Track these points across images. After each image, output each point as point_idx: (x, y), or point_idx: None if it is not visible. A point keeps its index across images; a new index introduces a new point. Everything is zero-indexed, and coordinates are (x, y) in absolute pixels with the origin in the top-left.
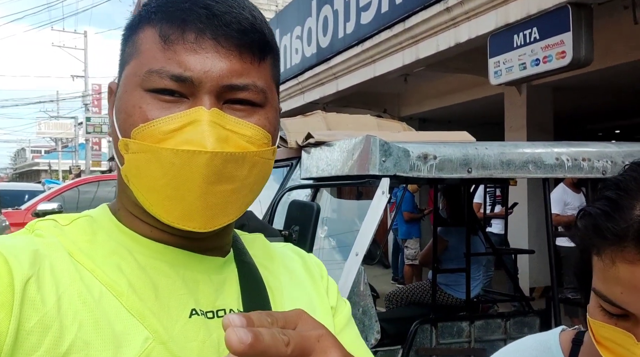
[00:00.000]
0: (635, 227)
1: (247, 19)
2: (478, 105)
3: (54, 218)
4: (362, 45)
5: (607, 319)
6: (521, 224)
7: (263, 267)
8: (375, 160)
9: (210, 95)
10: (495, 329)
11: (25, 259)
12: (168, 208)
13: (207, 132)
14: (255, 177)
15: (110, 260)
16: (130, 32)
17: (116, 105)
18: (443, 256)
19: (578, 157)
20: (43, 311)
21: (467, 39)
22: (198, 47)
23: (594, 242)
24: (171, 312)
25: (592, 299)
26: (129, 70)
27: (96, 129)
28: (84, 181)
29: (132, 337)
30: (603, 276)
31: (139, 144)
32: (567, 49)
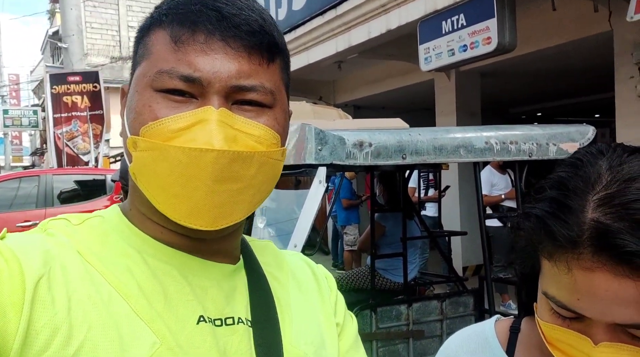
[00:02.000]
0: (589, 232)
1: (256, 21)
2: (410, 91)
3: (65, 217)
4: (295, 32)
5: (560, 322)
6: (453, 207)
7: (272, 276)
8: (312, 149)
9: (219, 95)
10: (433, 310)
11: (36, 258)
12: (175, 206)
13: (215, 131)
14: (263, 177)
15: (121, 262)
16: (141, 34)
17: (127, 106)
18: (381, 241)
19: (506, 140)
20: (53, 312)
21: (398, 26)
22: (207, 48)
23: (545, 245)
24: (179, 317)
25: (541, 300)
26: (139, 71)
27: (15, 122)
28: (3, 178)
29: (139, 341)
30: (556, 282)
31: (147, 141)
32: (492, 35)
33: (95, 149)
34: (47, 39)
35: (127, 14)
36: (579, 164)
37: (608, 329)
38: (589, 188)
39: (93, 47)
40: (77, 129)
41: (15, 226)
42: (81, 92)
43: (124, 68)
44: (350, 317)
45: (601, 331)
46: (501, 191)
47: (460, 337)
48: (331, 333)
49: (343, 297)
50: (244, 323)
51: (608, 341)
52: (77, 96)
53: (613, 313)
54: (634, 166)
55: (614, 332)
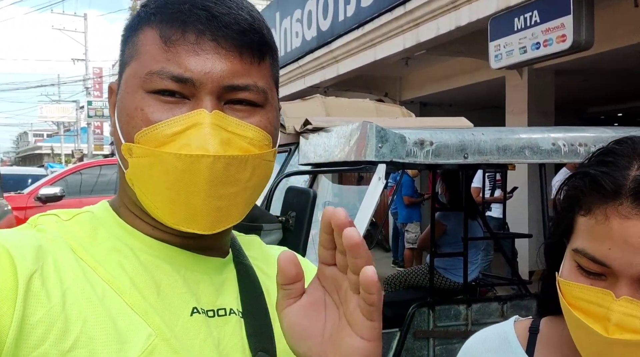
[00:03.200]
0: (632, 185)
1: (246, 20)
2: (479, 88)
3: (55, 213)
4: (363, 29)
5: (583, 281)
6: (521, 208)
7: (260, 269)
8: (372, 146)
9: (211, 96)
10: (493, 312)
11: (29, 254)
12: (173, 211)
13: (209, 135)
14: (258, 179)
15: (112, 257)
16: (129, 33)
17: (117, 107)
18: (441, 240)
19: (575, 142)
20: (48, 306)
21: (468, 22)
22: (198, 48)
23: (587, 200)
24: (173, 310)
25: (567, 262)
26: (129, 72)
27: (98, 113)
28: (86, 165)
29: (135, 333)
30: (591, 233)
31: (142, 148)
32: (567, 33)
33: None
34: None
35: None
36: (625, 140)
37: (631, 286)
38: (634, 154)
39: None
40: None
41: None
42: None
43: None
44: None
45: (624, 287)
46: None
47: (481, 337)
48: None
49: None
50: (236, 314)
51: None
52: None
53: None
54: None
55: (636, 290)
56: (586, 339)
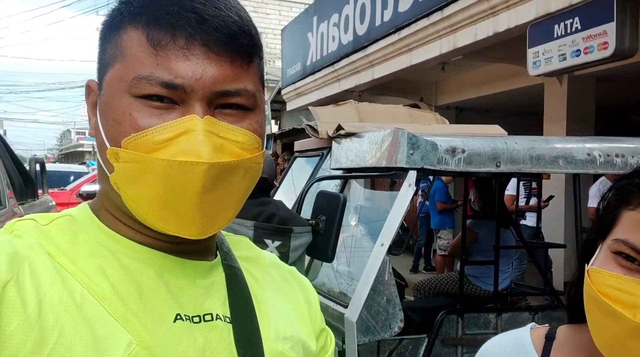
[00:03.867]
0: None
1: (235, 22)
2: (517, 95)
3: (33, 218)
4: (399, 34)
5: (617, 270)
6: (557, 218)
7: (248, 272)
8: (403, 152)
9: (202, 102)
10: (524, 321)
11: (3, 261)
12: (164, 217)
13: (202, 142)
14: (248, 182)
15: (93, 262)
16: (110, 31)
17: (101, 109)
18: (472, 247)
19: (611, 153)
20: (24, 315)
21: (506, 29)
22: (189, 53)
23: (637, 196)
24: (155, 316)
25: (601, 255)
26: (113, 74)
27: None
28: None
29: (115, 341)
30: (635, 224)
31: (131, 153)
32: (609, 40)
33: None
34: None
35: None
36: None
37: None
38: None
39: None
40: None
41: None
42: None
43: None
44: (331, 334)
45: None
46: None
47: (497, 341)
48: (307, 332)
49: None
50: (222, 319)
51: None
52: None
53: None
54: None
55: None
56: (610, 325)
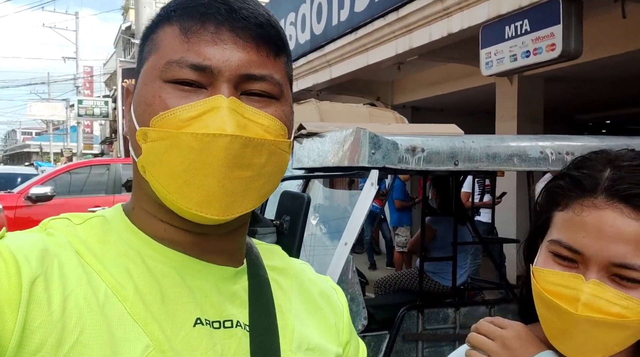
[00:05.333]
0: (606, 183)
1: (263, 15)
2: (470, 94)
3: (67, 217)
4: (356, 34)
5: (557, 268)
6: (509, 213)
7: (275, 282)
8: (365, 152)
9: (228, 84)
10: (481, 315)
11: (33, 258)
12: (187, 194)
13: (227, 117)
14: (273, 167)
15: (120, 262)
16: (149, 32)
17: (134, 101)
18: (431, 244)
19: (562, 151)
20: (48, 311)
21: (460, 29)
22: (217, 38)
23: (565, 197)
24: (175, 320)
25: (541, 255)
26: (147, 66)
27: (88, 112)
28: (76, 165)
29: (132, 344)
30: (568, 225)
31: (158, 131)
32: (557, 42)
33: None
34: (120, 34)
35: None
36: (600, 151)
37: (599, 272)
38: (607, 161)
39: None
40: None
41: (87, 210)
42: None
43: None
44: (361, 343)
45: (593, 273)
46: None
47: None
48: (333, 344)
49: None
50: (242, 327)
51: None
52: None
53: (610, 249)
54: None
55: (603, 276)
56: (556, 318)
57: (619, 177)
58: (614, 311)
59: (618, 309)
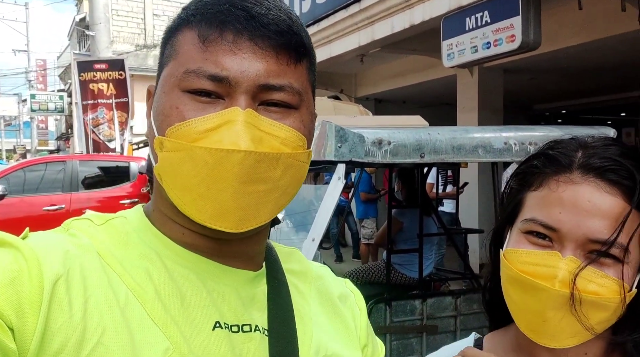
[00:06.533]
0: (581, 159)
1: (284, 21)
2: (432, 86)
3: (89, 218)
4: (318, 25)
5: (531, 248)
6: (472, 203)
7: (294, 286)
8: (331, 146)
9: (246, 95)
10: (447, 306)
11: (56, 258)
12: (201, 207)
13: (242, 131)
14: (289, 179)
15: (140, 264)
16: (169, 35)
17: (154, 107)
18: (397, 236)
19: (525, 141)
20: (70, 313)
21: (422, 21)
22: (235, 47)
23: (540, 176)
24: (195, 323)
25: (512, 237)
26: (167, 72)
27: (42, 107)
28: (30, 163)
29: (152, 346)
30: (543, 202)
31: (173, 142)
32: (516, 33)
33: (120, 136)
34: (74, 26)
35: (153, 2)
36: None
37: (576, 250)
38: (578, 145)
39: (119, 35)
40: (103, 116)
41: (42, 210)
42: (107, 79)
43: (148, 56)
44: (379, 342)
45: (569, 250)
46: None
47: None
48: (353, 350)
49: (367, 318)
50: (261, 331)
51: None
52: (103, 84)
53: (587, 225)
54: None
55: (579, 254)
56: (532, 300)
57: (592, 154)
58: (591, 288)
59: (594, 286)
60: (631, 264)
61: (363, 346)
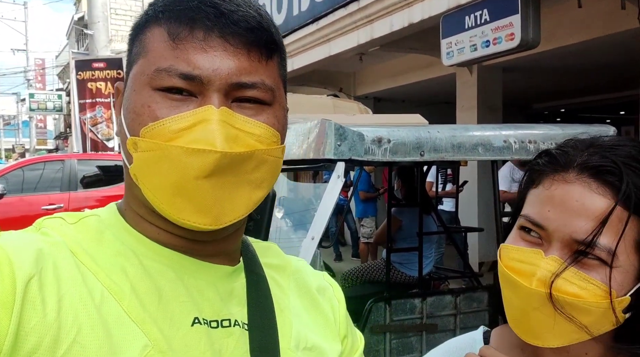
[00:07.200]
0: (580, 160)
1: (254, 18)
2: (431, 84)
3: (61, 216)
4: (317, 24)
5: (522, 245)
6: (471, 202)
7: (273, 280)
8: (331, 144)
9: (219, 93)
10: (447, 304)
11: (28, 258)
12: (178, 205)
13: (217, 131)
14: (263, 174)
15: (115, 261)
16: (137, 32)
17: (124, 105)
18: (397, 235)
19: (525, 139)
20: (43, 312)
21: (421, 20)
22: (206, 45)
23: (540, 174)
24: (173, 319)
25: (512, 233)
26: (136, 70)
27: (40, 106)
28: (29, 162)
29: (130, 344)
30: (536, 199)
31: (148, 142)
32: (515, 31)
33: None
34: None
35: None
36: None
37: (562, 250)
38: (589, 144)
39: (117, 34)
40: (101, 115)
41: (41, 209)
42: (105, 78)
43: None
44: (358, 334)
45: (555, 250)
46: None
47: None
48: (333, 341)
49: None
50: (240, 326)
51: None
52: (102, 83)
53: (573, 224)
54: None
55: (565, 254)
56: (514, 298)
57: (594, 153)
58: (571, 290)
59: (575, 288)
60: (622, 269)
61: (343, 338)
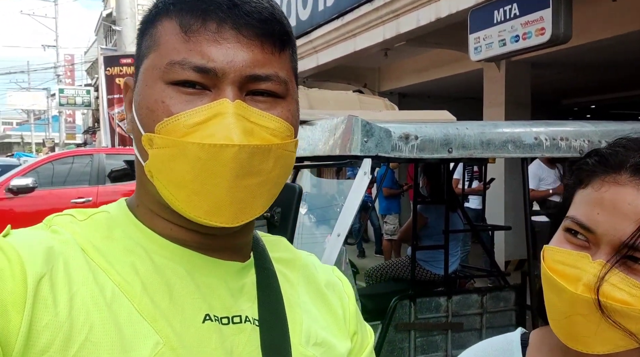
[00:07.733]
0: (633, 160)
1: (266, 9)
2: (457, 80)
3: (71, 213)
4: (343, 19)
5: (567, 247)
6: (498, 200)
7: (282, 275)
8: (357, 140)
9: (233, 86)
10: (473, 303)
11: (39, 256)
12: (195, 204)
13: (233, 124)
14: (280, 170)
15: (126, 259)
16: (146, 26)
17: (136, 101)
18: (422, 232)
19: (556, 136)
20: (55, 311)
21: (448, 14)
22: (220, 37)
23: (590, 175)
24: (184, 316)
25: (557, 234)
26: (147, 64)
27: (69, 101)
28: (59, 156)
29: (142, 341)
30: (585, 201)
31: (163, 138)
32: (546, 26)
33: None
34: (101, 21)
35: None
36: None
37: (611, 255)
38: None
39: None
40: None
41: (70, 202)
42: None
43: None
44: (368, 329)
45: (602, 254)
46: (549, 186)
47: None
48: (342, 338)
49: (355, 304)
50: (251, 322)
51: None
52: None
53: (624, 228)
54: None
55: (614, 260)
56: (557, 300)
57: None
58: (619, 296)
59: (624, 295)
60: None
61: (352, 334)
